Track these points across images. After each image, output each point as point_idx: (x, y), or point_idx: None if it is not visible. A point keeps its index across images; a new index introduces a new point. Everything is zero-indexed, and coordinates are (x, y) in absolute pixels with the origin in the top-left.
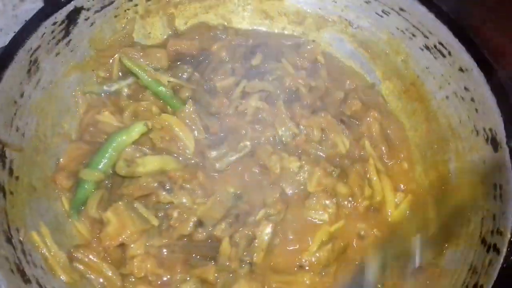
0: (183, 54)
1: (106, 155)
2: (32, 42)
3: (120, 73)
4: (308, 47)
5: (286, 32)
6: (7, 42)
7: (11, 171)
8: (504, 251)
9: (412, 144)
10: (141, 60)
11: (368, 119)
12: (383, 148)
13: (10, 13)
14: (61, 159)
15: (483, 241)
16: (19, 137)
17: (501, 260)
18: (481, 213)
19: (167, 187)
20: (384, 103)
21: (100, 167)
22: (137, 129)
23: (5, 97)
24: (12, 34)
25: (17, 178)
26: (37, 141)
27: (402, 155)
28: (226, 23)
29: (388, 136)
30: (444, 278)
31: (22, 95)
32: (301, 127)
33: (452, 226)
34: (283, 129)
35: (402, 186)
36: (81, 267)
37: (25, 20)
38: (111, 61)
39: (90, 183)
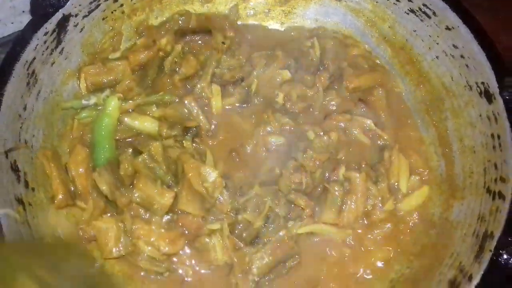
0: None
1: (102, 148)
2: (27, 55)
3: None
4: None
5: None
6: (4, 56)
7: (26, 184)
8: (509, 197)
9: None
10: None
11: (379, 92)
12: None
13: (8, 4)
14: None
15: (488, 190)
16: (28, 150)
17: (507, 206)
18: (483, 163)
19: None
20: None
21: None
22: (113, 104)
23: (9, 112)
24: (10, 25)
25: (33, 189)
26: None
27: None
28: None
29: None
30: (454, 230)
31: (25, 108)
32: None
33: (456, 179)
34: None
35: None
36: None
37: (23, 11)
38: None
39: None
